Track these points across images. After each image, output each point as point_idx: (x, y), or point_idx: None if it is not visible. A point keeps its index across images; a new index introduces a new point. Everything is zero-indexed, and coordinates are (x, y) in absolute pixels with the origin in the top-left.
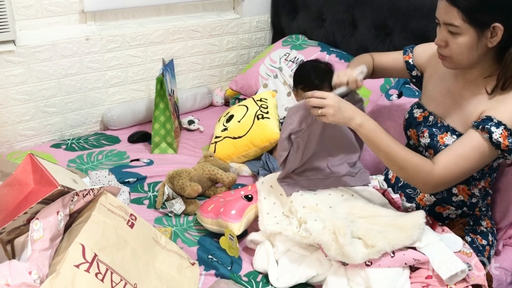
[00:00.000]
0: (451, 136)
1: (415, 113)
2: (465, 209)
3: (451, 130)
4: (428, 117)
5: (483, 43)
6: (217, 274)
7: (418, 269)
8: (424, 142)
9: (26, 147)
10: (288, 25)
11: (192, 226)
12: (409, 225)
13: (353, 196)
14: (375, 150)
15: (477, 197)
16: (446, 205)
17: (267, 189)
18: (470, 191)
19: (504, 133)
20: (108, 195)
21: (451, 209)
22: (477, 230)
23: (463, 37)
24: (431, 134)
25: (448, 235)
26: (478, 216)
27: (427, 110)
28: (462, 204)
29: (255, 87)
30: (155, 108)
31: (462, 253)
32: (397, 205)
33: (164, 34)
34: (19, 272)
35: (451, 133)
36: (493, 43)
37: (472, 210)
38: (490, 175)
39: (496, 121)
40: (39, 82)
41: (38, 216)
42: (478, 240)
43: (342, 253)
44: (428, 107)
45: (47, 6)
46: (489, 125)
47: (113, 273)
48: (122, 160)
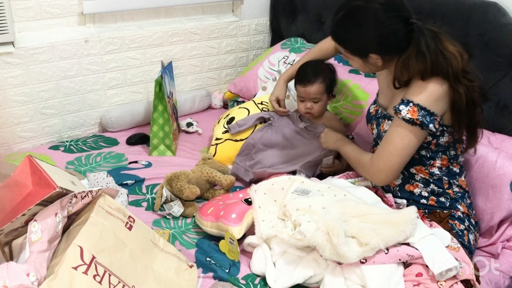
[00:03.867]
0: (388, 122)
1: (371, 108)
2: (433, 186)
3: (387, 117)
4: (378, 110)
5: (371, 63)
6: (215, 277)
7: (409, 267)
8: (375, 133)
9: (25, 149)
10: (287, 28)
11: (190, 229)
12: (401, 221)
13: (345, 196)
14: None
15: (437, 175)
16: (413, 181)
17: (261, 196)
18: (428, 171)
19: (413, 108)
20: (107, 197)
21: (420, 186)
22: (455, 215)
23: (353, 61)
24: (377, 125)
25: (436, 229)
26: (452, 197)
27: (378, 104)
28: (426, 181)
29: (253, 90)
30: (154, 110)
31: (450, 248)
32: (389, 203)
33: (163, 37)
34: (17, 274)
35: (387, 119)
36: (378, 64)
37: (441, 188)
38: (444, 152)
39: (406, 100)
40: (38, 83)
41: (36, 218)
42: (456, 226)
43: (336, 253)
44: (379, 101)
45: (46, 8)
46: (400, 105)
47: (111, 275)
48: (120, 162)
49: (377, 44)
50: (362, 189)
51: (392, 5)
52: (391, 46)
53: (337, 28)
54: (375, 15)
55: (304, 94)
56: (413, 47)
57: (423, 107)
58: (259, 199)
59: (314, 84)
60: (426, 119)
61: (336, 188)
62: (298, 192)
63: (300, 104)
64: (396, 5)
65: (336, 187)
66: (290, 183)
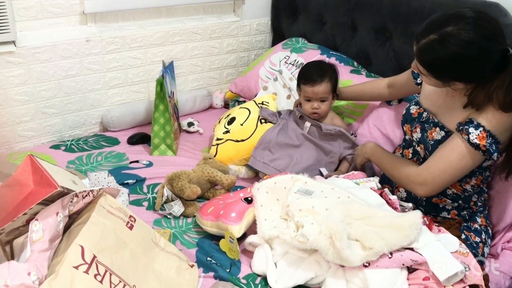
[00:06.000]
0: (440, 131)
1: (411, 109)
2: (460, 202)
3: (440, 126)
4: (422, 114)
5: (450, 87)
6: (215, 276)
7: (415, 271)
8: (416, 137)
9: (26, 148)
10: (288, 28)
11: (191, 228)
12: (406, 225)
13: (349, 198)
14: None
15: (469, 192)
16: (442, 197)
17: (263, 195)
18: (461, 187)
19: (482, 134)
20: (108, 196)
21: (447, 201)
22: (471, 227)
23: (430, 80)
24: (422, 129)
25: (444, 235)
26: (474, 211)
27: (422, 107)
28: (456, 196)
29: (254, 90)
30: (155, 110)
31: (459, 253)
32: (394, 206)
33: (165, 36)
34: (18, 273)
35: (440, 129)
36: (458, 87)
37: (467, 204)
38: (481, 173)
39: (476, 123)
40: (39, 83)
41: (38, 217)
42: (471, 237)
43: (339, 257)
44: (424, 105)
45: (47, 7)
46: (469, 126)
47: (112, 275)
48: (121, 161)
49: (467, 76)
50: (366, 191)
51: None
52: (479, 76)
53: (425, 53)
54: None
55: (312, 94)
56: (504, 78)
57: (492, 134)
58: (261, 198)
59: (322, 83)
60: (492, 148)
61: (339, 190)
62: (301, 192)
63: (306, 104)
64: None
65: (340, 188)
66: (293, 183)
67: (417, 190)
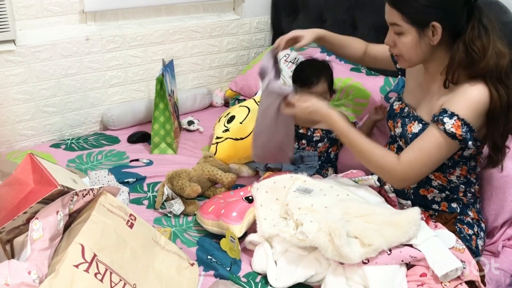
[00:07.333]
0: (418, 124)
1: (395, 105)
2: (447, 192)
3: (419, 119)
4: (404, 109)
5: (426, 41)
6: (216, 275)
7: (413, 267)
8: (398, 132)
9: (26, 147)
10: (289, 26)
11: (191, 227)
12: (404, 221)
13: (348, 195)
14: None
15: (455, 183)
16: (429, 187)
17: (263, 195)
18: (446, 178)
19: (457, 122)
20: (108, 195)
21: (435, 191)
22: (464, 220)
23: (406, 37)
24: (403, 124)
25: (441, 231)
26: (465, 202)
27: (404, 102)
28: (442, 187)
29: (255, 88)
30: (155, 109)
31: (455, 249)
32: (393, 203)
33: (164, 35)
34: (18, 272)
35: (418, 122)
36: (434, 42)
37: (455, 194)
38: (465, 163)
39: (450, 112)
40: (39, 81)
41: (38, 216)
42: (465, 230)
43: (339, 254)
44: (405, 100)
45: (47, 6)
46: (443, 116)
47: (112, 273)
48: (121, 160)
49: (441, 8)
50: (365, 188)
51: None
52: (453, 14)
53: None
54: None
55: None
56: (472, 28)
57: (467, 122)
58: (261, 197)
59: (319, 83)
60: (468, 136)
61: (338, 188)
62: (300, 191)
63: None
64: None
65: (339, 186)
66: (292, 182)
67: (395, 184)
